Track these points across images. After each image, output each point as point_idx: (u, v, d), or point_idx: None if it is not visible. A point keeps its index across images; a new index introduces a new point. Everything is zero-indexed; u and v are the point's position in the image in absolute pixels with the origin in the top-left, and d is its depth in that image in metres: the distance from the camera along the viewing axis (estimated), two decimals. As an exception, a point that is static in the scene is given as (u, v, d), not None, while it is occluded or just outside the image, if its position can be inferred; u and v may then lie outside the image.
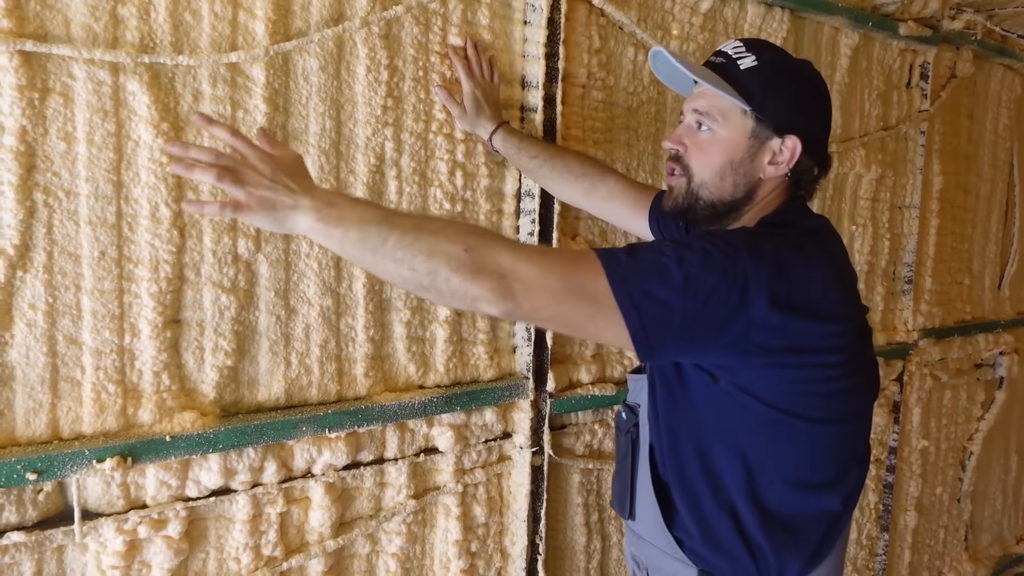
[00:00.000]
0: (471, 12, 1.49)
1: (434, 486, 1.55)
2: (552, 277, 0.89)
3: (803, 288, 0.94)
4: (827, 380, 1.01)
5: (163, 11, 1.16)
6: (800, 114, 1.09)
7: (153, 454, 1.16)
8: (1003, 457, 3.11)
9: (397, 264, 0.89)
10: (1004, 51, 2.65)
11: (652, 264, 0.91)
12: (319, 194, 0.93)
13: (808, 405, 1.01)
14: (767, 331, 0.92)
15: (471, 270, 0.87)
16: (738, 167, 1.10)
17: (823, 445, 1.05)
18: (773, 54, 1.11)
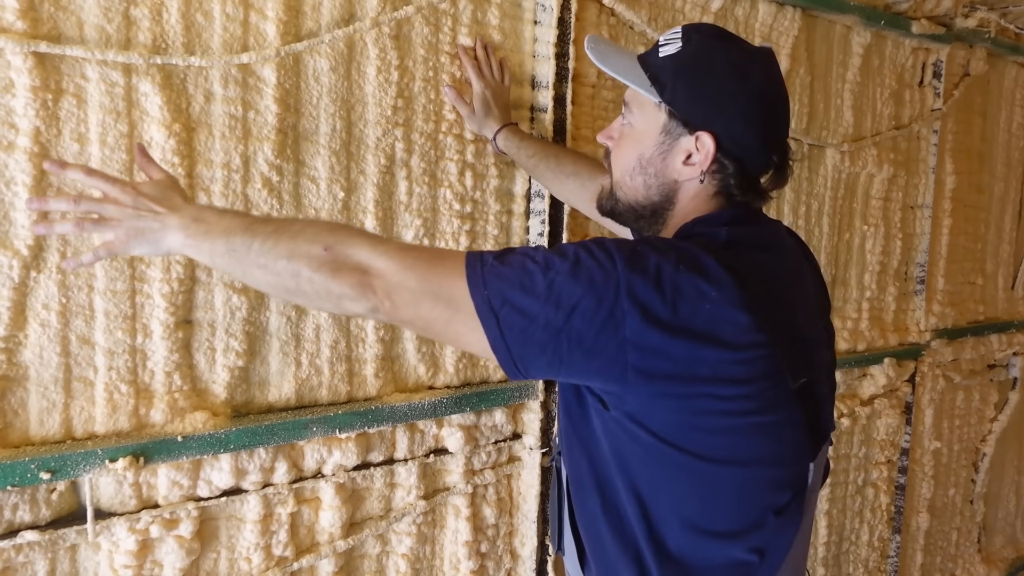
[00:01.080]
0: (481, 12, 1.49)
1: (444, 487, 1.55)
2: (411, 275, 0.85)
3: (691, 306, 0.82)
4: (724, 414, 0.86)
5: (175, 12, 1.17)
6: (714, 109, 0.93)
7: (165, 454, 1.17)
8: (1016, 459, 3.09)
9: (263, 271, 0.88)
10: (1018, 49, 2.63)
11: (518, 269, 0.83)
12: (186, 211, 0.93)
13: (702, 441, 0.88)
14: (644, 353, 0.81)
15: (332, 268, 0.85)
16: (647, 165, 0.98)
17: (724, 488, 0.90)
18: (702, 40, 0.95)
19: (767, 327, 0.85)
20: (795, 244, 1.09)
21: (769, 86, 0.96)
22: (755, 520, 0.92)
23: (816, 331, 0.99)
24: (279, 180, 1.29)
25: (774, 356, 0.86)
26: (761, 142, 0.96)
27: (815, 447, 0.96)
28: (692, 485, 0.90)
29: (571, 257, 0.84)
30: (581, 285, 0.81)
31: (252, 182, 1.26)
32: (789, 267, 0.98)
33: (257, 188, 1.27)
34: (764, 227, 1.00)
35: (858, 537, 2.47)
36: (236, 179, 1.24)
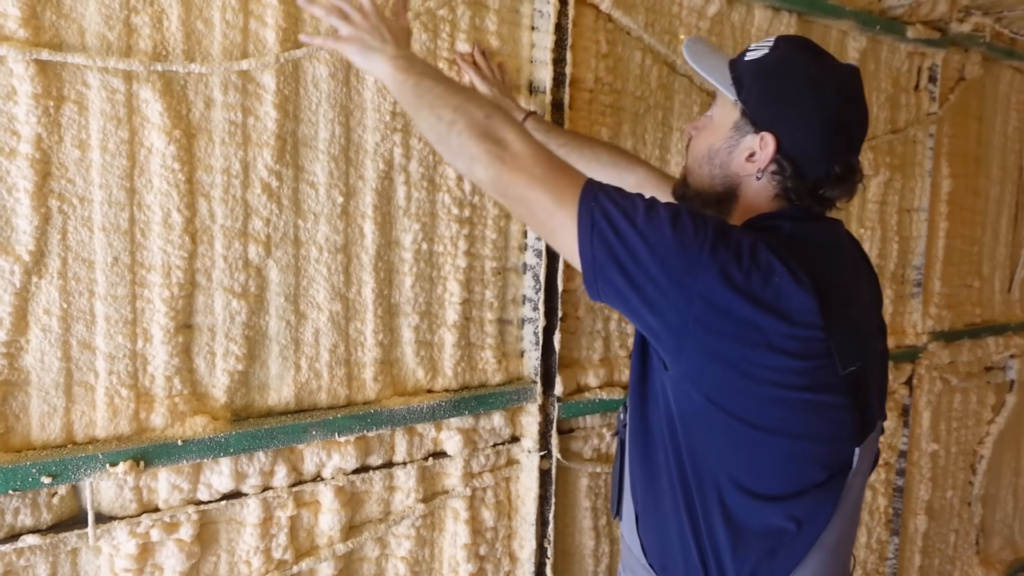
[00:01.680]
0: (479, 18, 1.50)
1: (443, 490, 1.55)
2: (540, 166, 0.97)
3: (762, 278, 0.89)
4: (773, 384, 0.93)
5: (176, 20, 1.18)
6: (780, 113, 1.00)
7: (165, 458, 1.18)
8: (1014, 461, 3.10)
9: (430, 111, 1.03)
10: (1013, 53, 2.64)
11: (628, 200, 0.94)
12: (404, 51, 1.12)
13: (749, 408, 0.95)
14: (709, 307, 0.89)
15: (480, 132, 0.99)
16: (714, 156, 1.06)
17: (767, 455, 0.97)
18: (789, 48, 1.03)
19: (825, 313, 0.92)
20: (851, 244, 1.15)
21: (841, 102, 1.01)
22: (794, 490, 0.99)
23: (869, 326, 1.05)
24: (278, 185, 1.30)
25: (827, 340, 0.93)
26: (822, 152, 1.01)
27: (862, 433, 1.02)
28: (737, 448, 0.97)
29: (674, 210, 0.93)
30: (674, 232, 0.90)
31: (252, 187, 1.27)
32: (846, 264, 1.04)
33: (256, 193, 1.27)
34: (823, 226, 1.06)
35: (856, 539, 2.48)
36: (236, 184, 1.25)
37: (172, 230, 1.20)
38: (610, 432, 1.79)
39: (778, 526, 0.99)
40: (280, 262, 1.32)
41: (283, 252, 1.32)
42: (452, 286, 1.52)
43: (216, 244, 1.25)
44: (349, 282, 1.40)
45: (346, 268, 1.39)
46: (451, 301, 1.52)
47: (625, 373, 1.80)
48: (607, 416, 1.79)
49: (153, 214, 1.19)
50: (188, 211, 1.21)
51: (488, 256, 1.57)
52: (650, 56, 1.76)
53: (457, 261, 1.52)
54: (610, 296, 0.95)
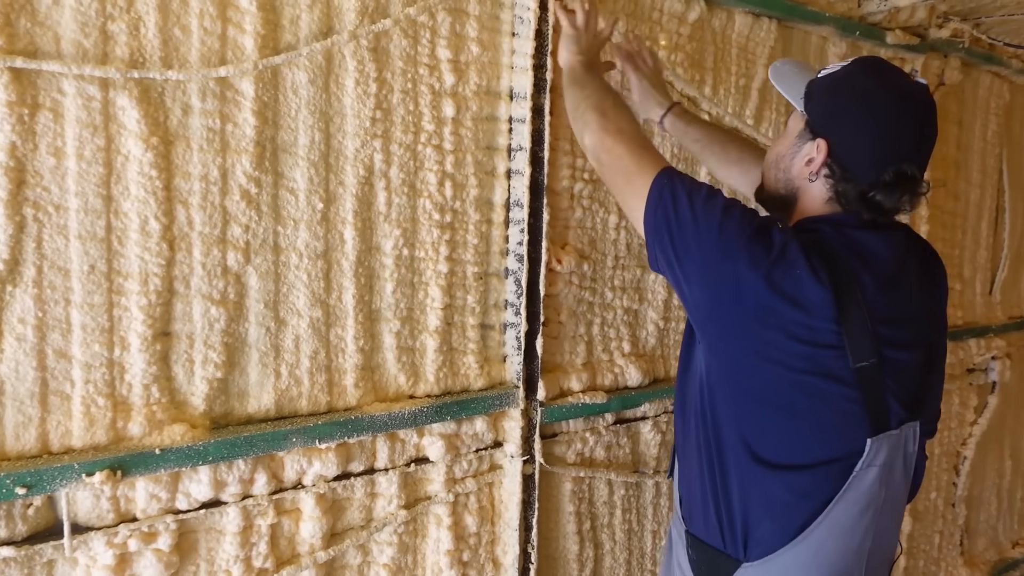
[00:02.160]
0: (459, 25, 1.51)
1: (425, 496, 1.55)
2: (632, 143, 1.20)
3: (785, 269, 1.02)
4: (782, 366, 1.05)
5: (152, 27, 1.17)
6: (837, 123, 1.10)
7: (143, 467, 1.17)
8: (997, 462, 3.12)
9: (581, 86, 1.35)
10: (992, 58, 2.67)
11: (695, 186, 1.11)
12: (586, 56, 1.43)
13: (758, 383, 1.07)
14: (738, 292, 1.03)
15: (600, 108, 1.27)
16: (780, 162, 1.20)
17: (771, 427, 1.09)
18: (861, 65, 1.12)
19: (840, 308, 1.03)
20: (909, 255, 1.19)
21: (893, 113, 1.08)
22: (795, 463, 1.08)
23: (902, 334, 1.11)
24: (257, 192, 1.29)
25: (840, 333, 1.03)
26: (871, 162, 1.09)
27: (876, 427, 1.09)
28: (748, 417, 1.11)
29: (731, 203, 1.09)
30: (722, 220, 1.05)
31: (230, 194, 1.27)
32: (884, 275, 1.10)
33: (235, 200, 1.27)
34: (869, 234, 1.12)
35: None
36: (214, 191, 1.25)
37: (150, 237, 1.19)
38: (593, 436, 1.79)
39: (779, 495, 1.09)
40: (259, 268, 1.31)
41: (262, 259, 1.31)
42: (434, 291, 1.52)
43: (194, 251, 1.24)
44: (329, 288, 1.40)
45: (326, 274, 1.39)
46: (433, 306, 1.52)
47: (608, 377, 1.80)
48: (590, 420, 1.79)
49: (130, 221, 1.18)
50: (166, 218, 1.21)
51: (470, 261, 1.57)
52: (631, 62, 1.77)
53: (439, 266, 1.52)
54: (660, 264, 1.13)
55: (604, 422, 1.82)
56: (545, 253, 1.62)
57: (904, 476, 1.16)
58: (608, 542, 1.87)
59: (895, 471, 1.13)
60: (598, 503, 1.83)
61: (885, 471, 1.10)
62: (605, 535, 1.86)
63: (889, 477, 1.12)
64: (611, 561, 1.88)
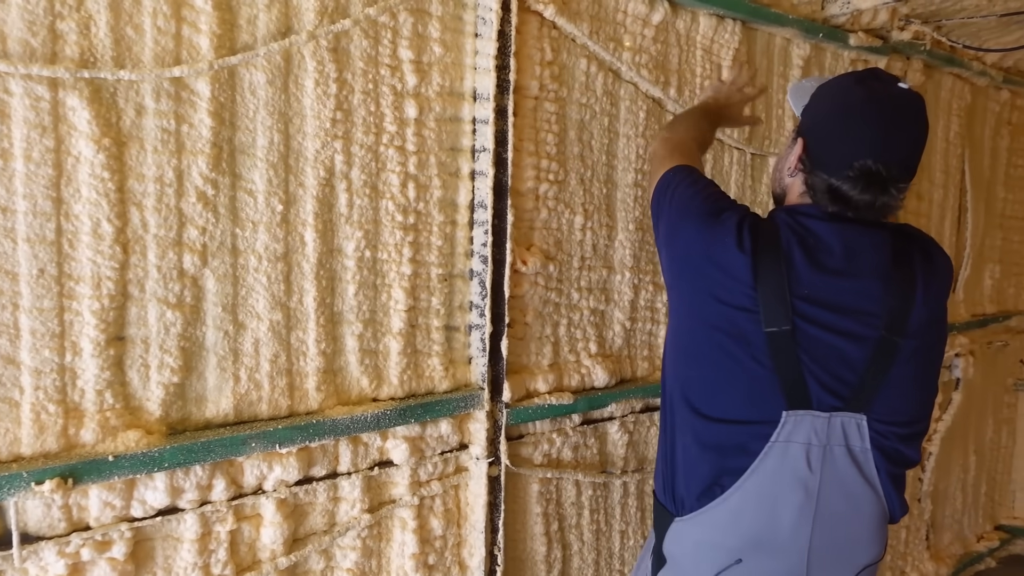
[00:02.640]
0: (422, 25, 1.50)
1: (389, 499, 1.54)
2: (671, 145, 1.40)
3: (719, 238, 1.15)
4: (709, 325, 1.16)
5: (104, 26, 1.15)
6: (814, 123, 1.20)
7: (95, 474, 1.15)
8: (962, 457, 3.18)
9: (678, 117, 1.57)
10: (953, 60, 2.72)
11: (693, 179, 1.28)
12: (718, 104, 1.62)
13: (688, 335, 1.21)
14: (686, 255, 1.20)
15: (673, 128, 1.49)
16: (778, 164, 1.32)
17: (699, 376, 1.19)
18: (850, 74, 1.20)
19: (756, 273, 1.12)
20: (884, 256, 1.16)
21: (865, 114, 1.12)
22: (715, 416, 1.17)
23: (835, 320, 1.12)
24: (214, 193, 1.28)
25: (755, 298, 1.11)
26: (839, 161, 1.14)
27: (791, 399, 1.12)
28: (685, 367, 1.23)
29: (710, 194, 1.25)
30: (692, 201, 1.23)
31: (186, 196, 1.25)
32: (823, 260, 1.14)
33: (192, 202, 1.25)
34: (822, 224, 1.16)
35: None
36: (170, 193, 1.23)
37: (102, 240, 1.17)
38: (560, 437, 1.80)
39: (700, 443, 1.18)
40: (217, 271, 1.29)
41: (220, 261, 1.30)
42: (397, 293, 1.51)
43: (149, 254, 1.22)
44: (290, 291, 1.38)
45: (287, 277, 1.37)
46: (396, 308, 1.51)
47: (575, 378, 1.80)
48: (557, 421, 1.79)
49: (82, 224, 1.16)
50: (119, 221, 1.19)
51: (434, 263, 1.57)
52: (595, 63, 1.77)
53: (402, 268, 1.51)
54: (656, 230, 1.30)
55: (571, 423, 1.82)
56: (510, 254, 1.62)
57: (859, 473, 1.14)
58: (576, 543, 1.87)
59: (835, 461, 1.13)
60: (566, 504, 1.83)
61: (815, 454, 1.12)
62: (573, 536, 1.86)
63: (825, 463, 1.13)
64: (579, 562, 1.88)
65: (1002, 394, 3.36)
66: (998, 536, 3.38)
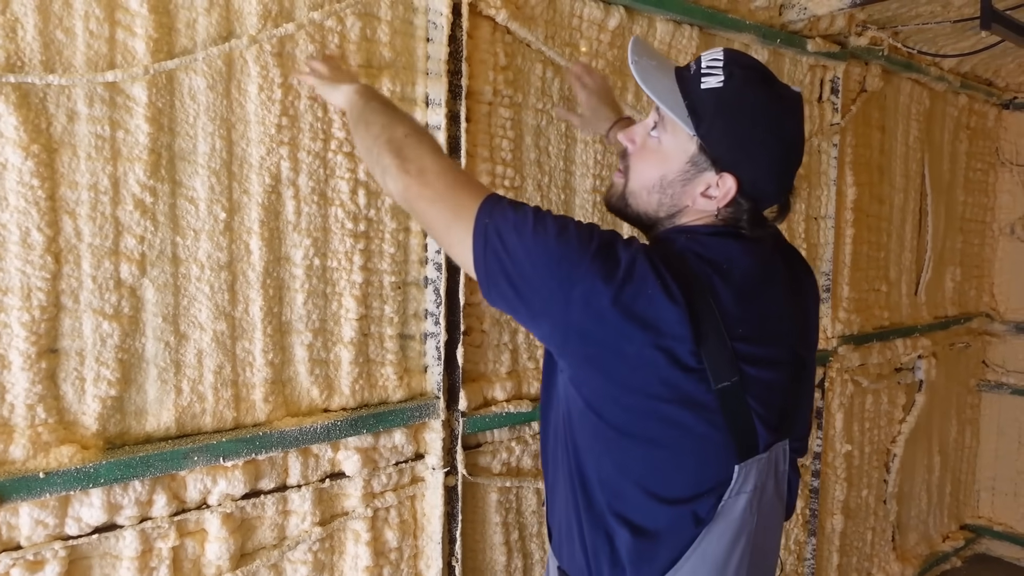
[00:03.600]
0: (370, 29, 1.48)
1: (342, 511, 1.51)
2: (442, 181, 1.02)
3: (635, 289, 0.92)
4: (641, 394, 0.95)
5: (32, 29, 1.12)
6: (744, 156, 1.00)
7: (25, 492, 1.11)
8: (926, 458, 3.21)
9: (366, 126, 1.14)
10: (911, 66, 2.76)
11: (521, 215, 0.97)
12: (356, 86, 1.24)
13: (619, 416, 0.97)
14: (586, 314, 0.92)
15: (397, 147, 1.07)
16: (667, 187, 1.04)
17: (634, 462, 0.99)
18: (745, 78, 0.99)
19: (696, 326, 0.93)
20: (779, 267, 1.10)
21: (796, 136, 1.03)
22: (662, 496, 0.99)
23: (764, 351, 1.01)
24: (153, 201, 1.24)
25: (698, 354, 0.93)
26: (778, 188, 1.05)
27: (742, 451, 1.00)
28: (610, 449, 1.00)
29: (563, 224, 0.97)
30: (558, 245, 0.94)
31: (123, 204, 1.22)
32: (742, 286, 1.00)
33: (128, 210, 1.22)
34: (729, 243, 1.03)
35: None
36: (105, 201, 1.20)
37: (32, 250, 1.13)
38: (519, 446, 1.78)
39: (643, 532, 0.99)
40: (157, 281, 1.26)
41: (160, 271, 1.26)
42: (348, 302, 1.49)
43: (84, 264, 1.19)
44: (235, 300, 1.35)
45: (231, 286, 1.34)
46: (347, 317, 1.49)
47: (534, 385, 1.79)
48: (516, 429, 1.77)
49: (9, 233, 1.12)
50: (50, 229, 1.15)
51: (386, 271, 1.54)
52: (551, 68, 1.76)
53: (353, 276, 1.48)
54: (503, 306, 1.00)
55: (531, 431, 1.80)
56: (464, 261, 1.60)
57: (777, 496, 1.08)
58: (538, 552, 1.85)
59: (767, 493, 1.05)
60: (526, 513, 1.81)
61: (756, 495, 1.02)
62: (535, 545, 1.84)
63: (760, 501, 1.04)
64: (541, 571, 1.86)
65: (965, 395, 3.41)
66: (963, 536, 3.42)
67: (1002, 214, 3.49)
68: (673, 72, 1.05)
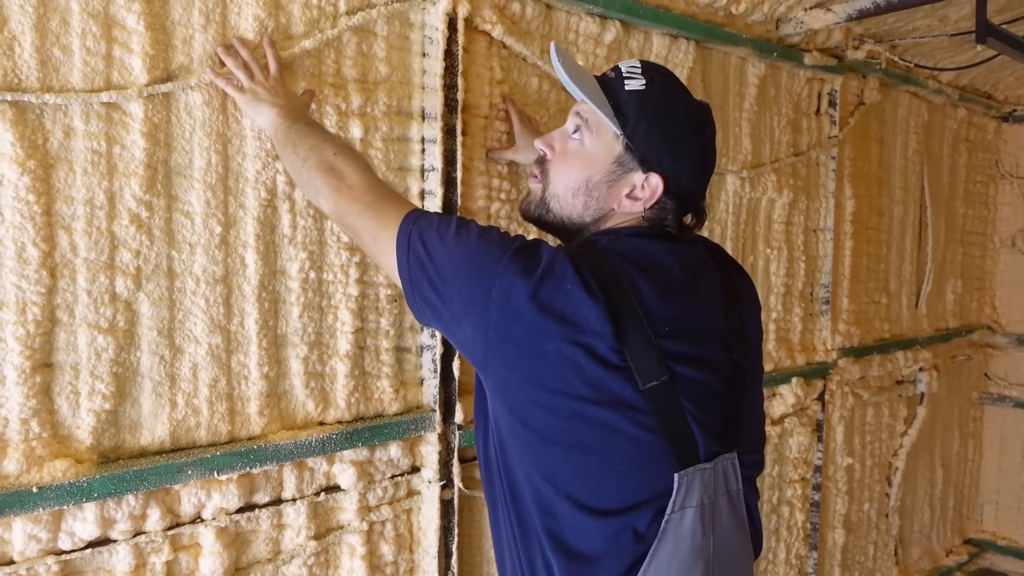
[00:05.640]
0: (367, 44, 1.49)
1: (337, 525, 1.51)
2: (370, 195, 1.06)
3: (553, 286, 0.91)
4: (564, 395, 0.91)
5: (29, 47, 1.13)
6: (670, 154, 1.02)
7: (18, 506, 1.11)
8: (929, 471, 3.19)
9: (293, 148, 1.16)
10: (909, 79, 2.76)
11: (444, 222, 1.00)
12: (292, 106, 1.24)
13: (543, 421, 0.94)
14: (504, 314, 0.91)
15: (327, 166, 1.10)
16: (593, 189, 1.04)
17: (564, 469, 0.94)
18: (665, 84, 1.04)
19: (616, 322, 0.91)
20: (711, 273, 1.08)
21: (712, 140, 1.08)
22: (598, 507, 0.93)
23: (696, 351, 0.98)
24: (149, 216, 1.25)
25: (620, 351, 0.91)
26: (699, 188, 1.08)
27: (681, 459, 0.95)
28: (538, 461, 0.96)
29: (486, 229, 0.99)
30: (478, 246, 0.95)
31: (119, 218, 1.22)
32: (667, 285, 0.98)
33: (124, 224, 1.23)
34: (652, 243, 1.03)
35: (775, 556, 2.50)
36: (101, 216, 1.20)
37: (27, 265, 1.14)
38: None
39: (579, 556, 0.94)
40: (152, 295, 1.27)
41: (155, 284, 1.27)
42: (344, 315, 1.49)
43: (79, 278, 1.19)
44: (230, 314, 1.36)
45: (226, 299, 1.35)
46: (343, 330, 1.49)
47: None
48: (512, 443, 1.77)
49: (5, 248, 1.13)
50: (46, 244, 1.16)
51: (382, 283, 1.55)
52: (548, 82, 1.77)
53: (348, 289, 1.49)
54: (426, 314, 1.00)
55: (527, 444, 1.80)
56: (460, 274, 1.60)
57: (737, 523, 1.02)
58: (535, 566, 1.84)
59: (721, 514, 0.99)
60: (523, 526, 1.81)
61: (707, 514, 0.96)
62: (531, 559, 1.83)
63: (715, 521, 0.98)
64: (538, 585, 1.85)
65: (967, 407, 3.39)
66: (967, 550, 3.39)
67: (1003, 226, 3.49)
68: (594, 78, 1.08)
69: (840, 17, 2.17)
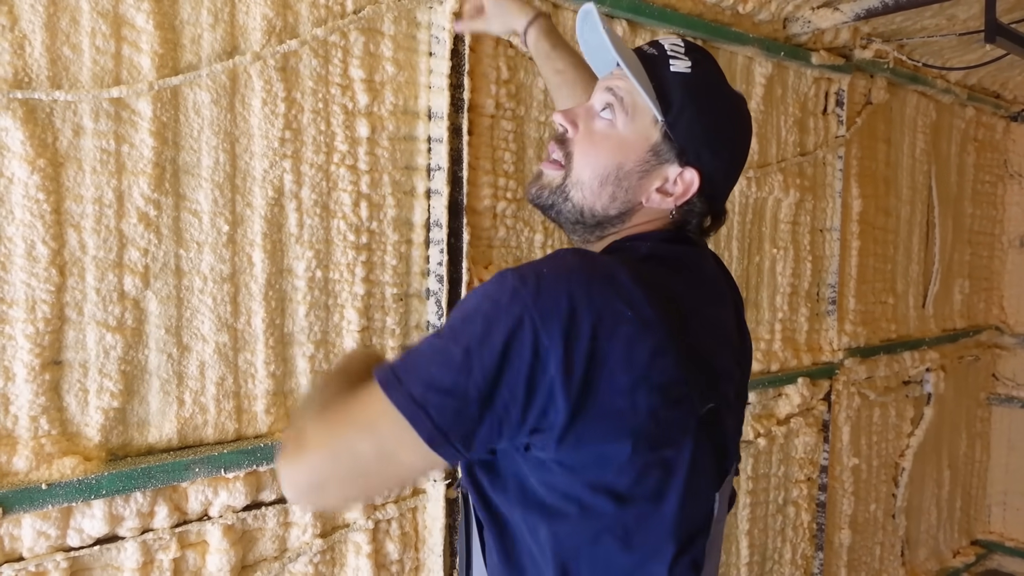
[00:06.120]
0: (374, 44, 1.49)
1: (343, 523, 1.51)
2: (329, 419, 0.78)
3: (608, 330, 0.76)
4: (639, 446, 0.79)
5: (39, 46, 1.14)
6: (709, 149, 0.89)
7: (28, 503, 1.11)
8: (936, 472, 3.18)
9: None
10: (917, 78, 2.75)
11: (427, 353, 0.76)
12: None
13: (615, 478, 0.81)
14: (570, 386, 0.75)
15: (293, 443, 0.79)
16: (623, 179, 0.89)
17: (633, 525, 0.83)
18: (710, 69, 0.91)
19: (677, 342, 0.80)
20: (719, 271, 1.03)
21: (751, 138, 0.96)
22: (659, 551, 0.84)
23: (726, 361, 0.92)
24: (157, 214, 1.26)
25: (686, 381, 0.80)
26: (728, 190, 0.96)
27: (720, 478, 0.91)
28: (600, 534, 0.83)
29: (476, 316, 0.75)
30: (496, 342, 0.73)
31: (127, 217, 1.23)
32: (707, 292, 0.92)
33: (132, 223, 1.23)
34: (687, 249, 0.94)
35: (781, 556, 2.50)
36: (109, 214, 1.21)
37: (37, 263, 1.15)
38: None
39: None
40: (160, 293, 1.27)
41: (163, 283, 1.27)
42: (350, 314, 1.49)
43: (88, 276, 1.20)
44: (237, 312, 1.36)
45: (234, 298, 1.35)
46: (349, 329, 1.50)
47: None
48: (518, 442, 1.77)
49: (15, 246, 1.13)
50: (55, 242, 1.16)
51: (388, 282, 1.55)
52: (554, 82, 1.77)
53: (355, 288, 1.49)
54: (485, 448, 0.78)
55: (533, 443, 1.80)
56: (466, 273, 1.61)
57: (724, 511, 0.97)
58: (540, 565, 1.84)
59: (722, 512, 0.95)
60: (528, 525, 1.81)
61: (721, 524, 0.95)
62: (537, 558, 1.83)
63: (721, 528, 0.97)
64: (543, 584, 1.85)
65: (975, 408, 3.38)
66: (974, 551, 3.38)
67: (1011, 226, 3.47)
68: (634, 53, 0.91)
69: (848, 16, 2.17)
